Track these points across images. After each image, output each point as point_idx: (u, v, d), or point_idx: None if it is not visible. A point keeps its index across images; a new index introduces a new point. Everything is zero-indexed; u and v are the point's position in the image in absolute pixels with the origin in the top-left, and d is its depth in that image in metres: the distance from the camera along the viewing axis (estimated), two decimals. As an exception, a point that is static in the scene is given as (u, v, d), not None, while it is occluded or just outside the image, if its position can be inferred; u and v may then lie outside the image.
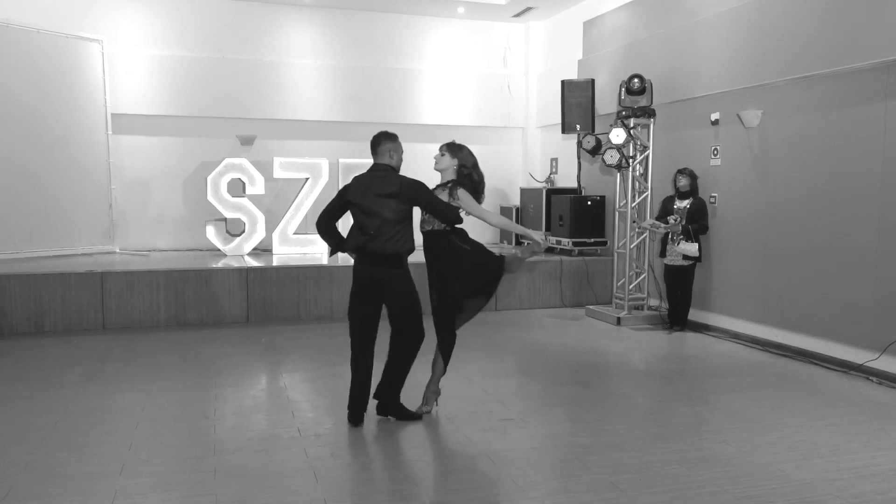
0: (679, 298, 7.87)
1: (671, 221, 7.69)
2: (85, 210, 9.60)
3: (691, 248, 7.58)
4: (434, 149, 5.00)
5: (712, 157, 7.82)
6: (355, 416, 4.74)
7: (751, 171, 7.35)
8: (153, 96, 10.30)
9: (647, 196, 8.40)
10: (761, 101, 7.16)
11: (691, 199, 7.70)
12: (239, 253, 9.77)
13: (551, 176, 11.42)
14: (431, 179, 4.78)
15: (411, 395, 4.96)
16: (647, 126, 8.38)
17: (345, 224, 4.66)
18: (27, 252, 8.88)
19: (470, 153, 4.89)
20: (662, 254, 7.95)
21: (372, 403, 4.84)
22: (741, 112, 7.23)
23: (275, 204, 10.40)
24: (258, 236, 9.90)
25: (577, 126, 9.38)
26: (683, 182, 7.72)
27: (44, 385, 5.65)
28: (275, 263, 8.81)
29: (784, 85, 6.92)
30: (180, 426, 4.76)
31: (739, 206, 7.50)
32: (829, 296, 6.48)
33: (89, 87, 9.65)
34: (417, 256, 4.80)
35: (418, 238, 4.75)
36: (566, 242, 9.61)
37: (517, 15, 11.42)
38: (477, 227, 5.70)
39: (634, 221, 8.45)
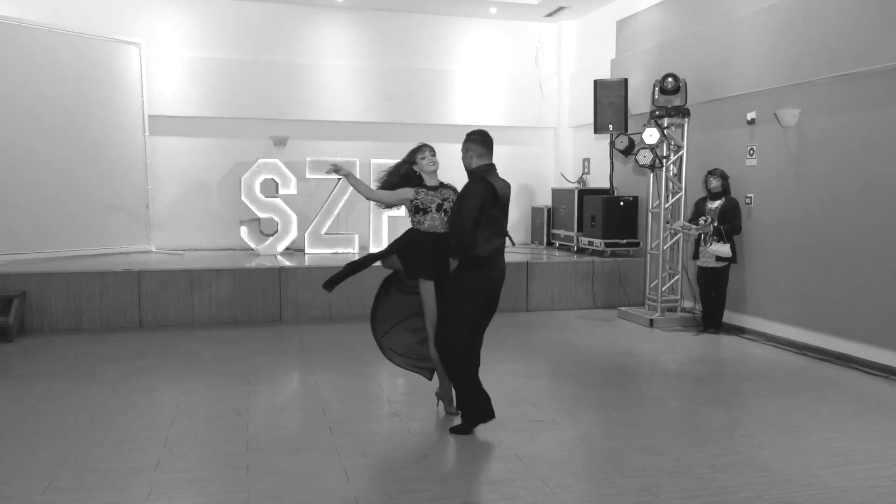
0: (713, 300, 7.77)
1: (702, 222, 7.60)
2: (122, 210, 9.78)
3: (723, 249, 7.47)
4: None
5: (748, 157, 7.70)
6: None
7: (788, 171, 7.22)
8: (189, 98, 10.46)
9: (680, 197, 8.30)
10: (799, 99, 7.03)
11: (723, 199, 7.60)
12: (272, 253, 9.87)
13: (583, 176, 11.35)
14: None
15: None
16: (682, 126, 8.28)
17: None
18: (67, 251, 9.08)
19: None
20: (695, 255, 7.85)
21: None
22: (778, 111, 7.11)
23: (307, 204, 10.49)
24: (291, 236, 10.00)
25: (610, 126, 9.31)
26: (715, 183, 7.63)
27: (82, 382, 5.76)
28: (307, 263, 8.88)
29: (822, 83, 6.78)
30: (214, 423, 4.82)
31: (776, 207, 7.37)
32: (870, 298, 6.34)
33: (127, 89, 9.83)
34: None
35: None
36: (598, 243, 9.54)
37: (549, 14, 11.36)
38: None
39: (668, 222, 8.36)
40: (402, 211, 5.60)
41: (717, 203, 7.62)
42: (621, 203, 9.52)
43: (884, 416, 5.05)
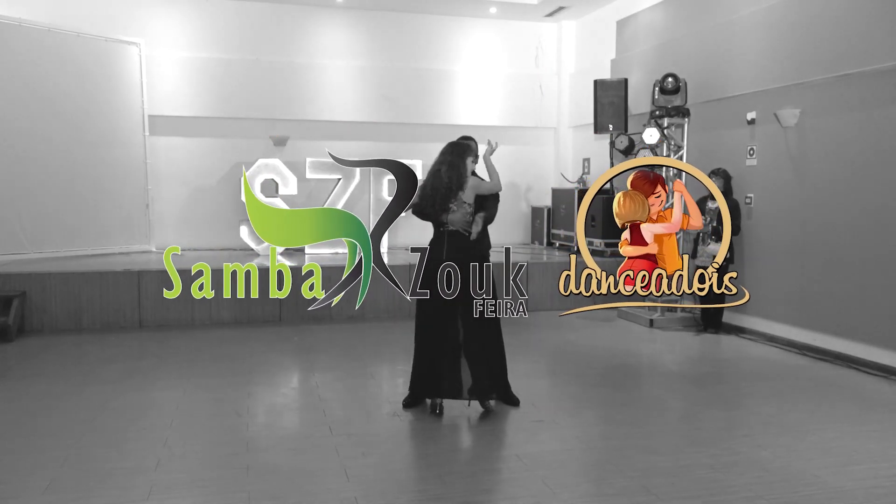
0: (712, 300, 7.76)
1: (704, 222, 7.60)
2: (122, 210, 9.78)
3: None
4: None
5: (748, 157, 7.70)
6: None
7: (788, 171, 7.22)
8: (189, 98, 10.46)
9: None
10: (799, 99, 7.03)
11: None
12: (272, 253, 9.86)
13: (583, 176, 11.34)
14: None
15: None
16: (682, 126, 8.28)
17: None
18: (67, 251, 9.08)
19: None
20: (694, 255, 7.85)
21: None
22: (778, 111, 7.11)
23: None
24: (291, 236, 9.98)
25: (610, 126, 9.30)
26: (717, 183, 7.61)
27: (82, 381, 5.76)
28: (307, 263, 8.86)
29: (823, 83, 6.78)
30: (214, 423, 4.82)
31: (776, 207, 7.37)
32: (870, 298, 6.34)
33: (127, 89, 9.83)
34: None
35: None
36: (598, 243, 9.53)
37: (549, 14, 11.37)
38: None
39: (668, 222, 8.35)
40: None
41: (717, 203, 7.61)
42: (621, 203, 9.50)
43: (884, 416, 5.05)
